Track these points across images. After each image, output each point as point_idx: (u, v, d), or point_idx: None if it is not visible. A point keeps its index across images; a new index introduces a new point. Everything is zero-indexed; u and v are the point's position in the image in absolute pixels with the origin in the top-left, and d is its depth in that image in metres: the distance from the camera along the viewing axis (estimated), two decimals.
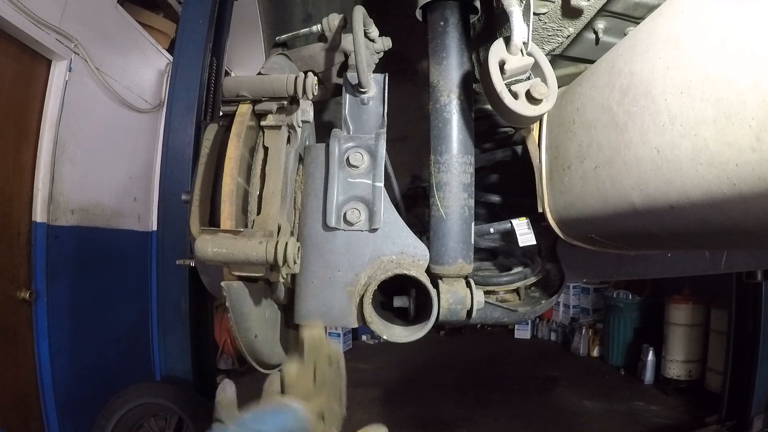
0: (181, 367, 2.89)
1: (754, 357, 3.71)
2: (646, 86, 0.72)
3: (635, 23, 0.96)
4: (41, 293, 2.92)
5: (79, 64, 3.14)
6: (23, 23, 2.62)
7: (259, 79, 0.82)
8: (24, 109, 2.87)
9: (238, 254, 0.71)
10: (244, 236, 0.72)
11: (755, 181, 0.54)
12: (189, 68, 2.86)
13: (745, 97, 0.54)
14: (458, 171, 0.97)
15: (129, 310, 3.92)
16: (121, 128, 3.75)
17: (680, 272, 1.69)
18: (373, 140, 0.95)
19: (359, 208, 0.91)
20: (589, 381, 5.15)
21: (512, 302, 1.22)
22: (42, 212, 2.95)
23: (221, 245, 0.71)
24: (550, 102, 0.90)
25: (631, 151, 0.75)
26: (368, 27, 1.09)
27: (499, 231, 1.24)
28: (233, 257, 0.71)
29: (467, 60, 1.00)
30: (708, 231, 0.70)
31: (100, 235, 3.54)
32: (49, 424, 2.96)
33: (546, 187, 1.08)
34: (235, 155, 0.75)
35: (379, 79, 1.03)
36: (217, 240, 0.71)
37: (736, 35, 0.57)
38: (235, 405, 0.67)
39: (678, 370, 4.72)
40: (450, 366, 5.75)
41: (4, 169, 2.73)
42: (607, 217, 0.89)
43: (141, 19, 3.91)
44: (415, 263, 0.93)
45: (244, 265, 0.73)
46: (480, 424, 4.12)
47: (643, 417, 4.22)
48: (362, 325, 0.92)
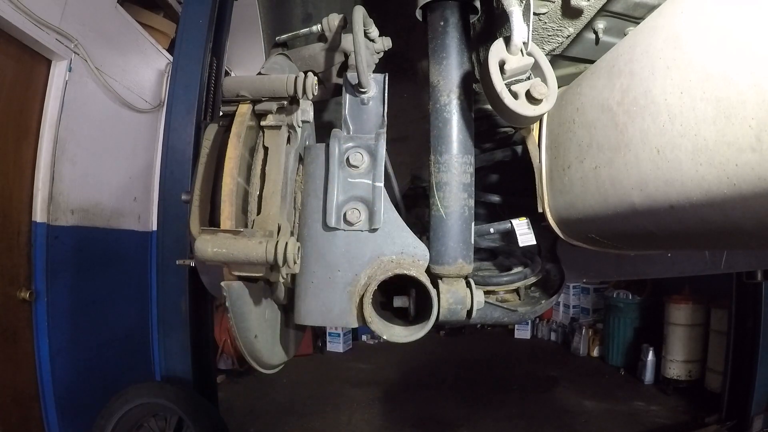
0: (181, 367, 2.89)
1: (754, 357, 3.71)
2: (646, 86, 0.72)
3: (635, 23, 0.96)
4: (41, 293, 2.92)
5: (79, 64, 3.14)
6: (23, 23, 2.62)
7: (259, 79, 0.82)
8: (24, 109, 2.86)
9: (238, 254, 0.71)
10: (244, 236, 0.72)
11: (755, 181, 0.54)
12: (189, 68, 2.86)
13: (745, 97, 0.54)
14: (458, 171, 0.97)
15: (129, 310, 3.92)
16: (121, 128, 3.75)
17: (680, 272, 1.70)
18: (373, 140, 0.95)
19: (359, 208, 0.91)
20: (589, 381, 5.15)
21: (512, 302, 1.22)
22: (42, 212, 2.94)
23: (221, 245, 0.71)
24: (550, 102, 0.90)
25: (631, 151, 0.75)
26: (368, 27, 1.09)
27: (499, 231, 1.24)
28: (233, 257, 0.71)
29: (467, 60, 1.00)
30: (708, 231, 0.70)
31: (100, 235, 3.54)
32: (49, 424, 2.96)
33: (546, 187, 1.08)
34: (235, 155, 0.75)
35: (379, 79, 1.03)
36: (217, 240, 0.71)
37: (736, 35, 0.57)
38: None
39: (678, 370, 4.72)
40: (450, 366, 5.75)
41: (4, 169, 2.73)
42: (607, 217, 0.89)
43: (141, 19, 3.91)
44: (415, 263, 0.93)
45: (244, 265, 0.73)
46: (480, 424, 4.12)
47: (643, 417, 4.22)
48: (362, 325, 0.92)
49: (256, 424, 4.03)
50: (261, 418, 4.15)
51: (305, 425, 4.04)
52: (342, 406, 4.38)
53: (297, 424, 4.05)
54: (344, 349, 6.26)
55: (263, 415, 4.23)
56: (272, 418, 4.19)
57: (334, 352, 6.22)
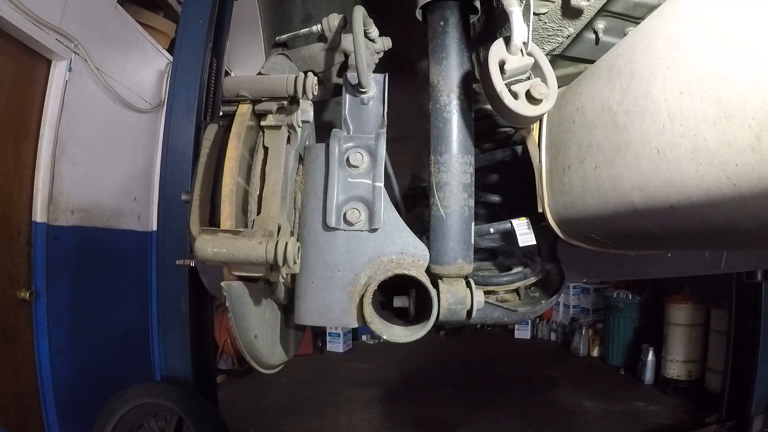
0: (181, 367, 2.88)
1: (754, 357, 3.71)
2: (646, 86, 0.72)
3: (635, 23, 0.96)
4: (41, 293, 2.92)
5: (79, 64, 3.14)
6: (23, 23, 2.62)
7: (259, 79, 0.82)
8: (24, 109, 2.86)
9: (238, 254, 0.71)
10: (244, 236, 0.72)
11: (755, 181, 0.54)
12: (189, 68, 2.86)
13: (745, 97, 0.54)
14: (458, 171, 0.97)
15: (129, 310, 3.92)
16: (121, 128, 3.75)
17: (680, 272, 1.69)
18: (373, 140, 0.95)
19: (359, 208, 0.91)
20: (589, 381, 5.15)
21: (512, 302, 1.22)
22: (42, 212, 2.94)
23: (221, 245, 0.71)
24: (550, 102, 0.90)
25: (631, 151, 0.75)
26: (368, 27, 1.09)
27: (499, 231, 1.24)
28: (233, 257, 0.71)
29: (467, 60, 1.00)
30: (708, 231, 0.70)
31: (100, 235, 3.54)
32: (49, 424, 2.96)
33: (546, 187, 1.08)
34: (235, 155, 0.75)
35: (379, 79, 1.03)
36: (217, 240, 0.71)
37: (736, 35, 0.57)
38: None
39: (678, 370, 4.72)
40: (450, 366, 5.75)
41: (4, 169, 2.73)
42: (607, 217, 0.89)
43: (141, 19, 3.91)
44: (415, 263, 0.93)
45: (244, 265, 0.73)
46: (480, 424, 4.12)
47: (643, 417, 4.22)
48: (362, 325, 0.92)
49: (256, 424, 4.03)
50: (261, 418, 4.15)
51: (305, 425, 4.04)
52: (342, 406, 4.38)
53: (297, 424, 4.05)
54: (344, 349, 6.26)
55: (263, 415, 4.23)
56: (272, 418, 4.19)
57: (334, 352, 6.21)
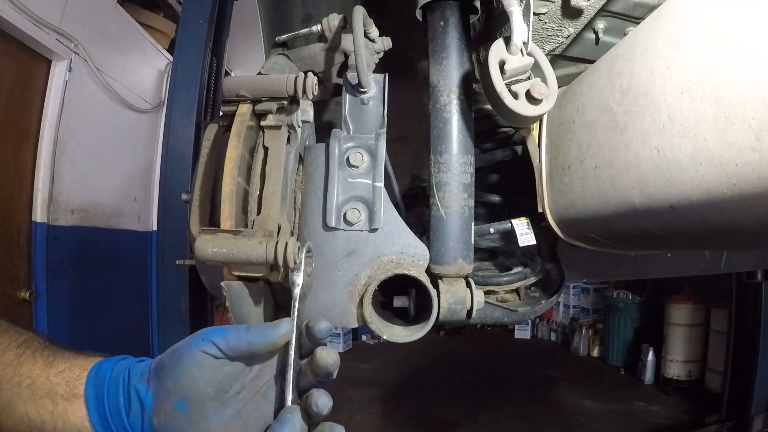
0: None
1: (754, 357, 3.71)
2: (646, 86, 0.72)
3: (635, 23, 0.96)
4: (41, 293, 2.92)
5: (79, 64, 3.14)
6: (23, 23, 2.62)
7: (259, 79, 0.82)
8: (24, 109, 2.86)
9: (238, 254, 0.71)
10: (244, 236, 0.72)
11: (755, 181, 0.54)
12: (189, 68, 2.85)
13: (745, 97, 0.54)
14: (458, 171, 0.97)
15: (129, 310, 3.92)
16: (121, 128, 3.75)
17: (680, 272, 1.69)
18: (373, 140, 0.95)
19: (359, 208, 0.91)
20: (589, 381, 5.15)
21: (512, 302, 1.22)
22: (42, 212, 2.95)
23: (221, 245, 0.71)
24: (550, 102, 0.90)
25: (631, 151, 0.75)
26: (368, 27, 1.09)
27: (499, 231, 1.24)
28: (233, 257, 0.71)
29: (467, 60, 1.00)
30: (708, 231, 0.70)
31: (100, 235, 3.55)
32: None
33: (546, 187, 1.08)
34: (235, 155, 0.75)
35: (379, 79, 1.03)
36: (217, 240, 0.71)
37: (736, 35, 0.57)
38: None
39: (678, 370, 4.72)
40: (450, 366, 5.75)
41: (4, 169, 2.73)
42: (607, 217, 0.89)
43: (141, 19, 3.91)
44: (415, 263, 0.93)
45: (244, 265, 0.73)
46: (480, 424, 4.12)
47: (643, 417, 4.22)
48: (362, 325, 0.92)
49: None
50: None
51: None
52: (342, 406, 4.38)
53: None
54: (344, 349, 6.25)
55: None
56: None
57: None
